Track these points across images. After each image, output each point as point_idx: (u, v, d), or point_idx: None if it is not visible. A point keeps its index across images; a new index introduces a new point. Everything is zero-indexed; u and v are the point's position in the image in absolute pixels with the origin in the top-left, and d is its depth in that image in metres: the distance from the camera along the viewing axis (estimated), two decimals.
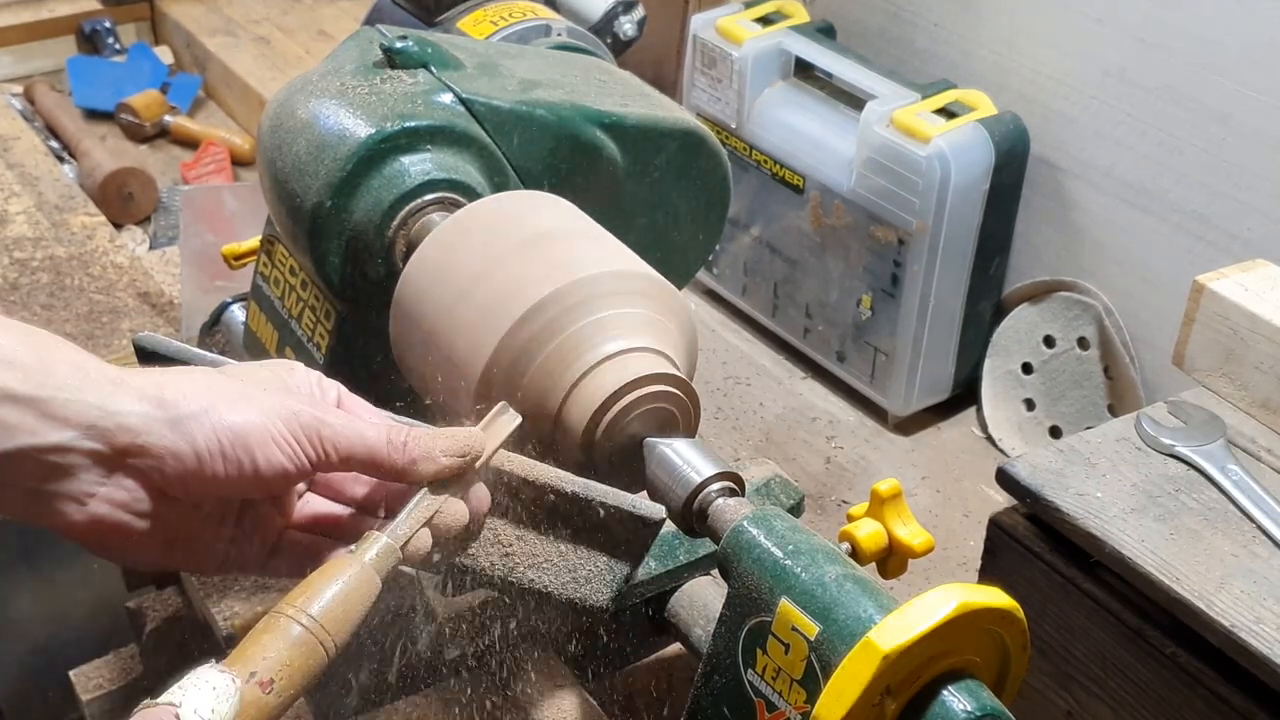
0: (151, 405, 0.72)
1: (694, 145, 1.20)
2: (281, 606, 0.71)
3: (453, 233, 1.00)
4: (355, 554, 0.75)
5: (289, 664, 0.68)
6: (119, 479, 0.73)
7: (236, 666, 0.68)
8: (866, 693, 0.71)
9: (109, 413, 0.71)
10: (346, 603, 0.72)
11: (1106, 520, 1.11)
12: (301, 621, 0.70)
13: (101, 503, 0.73)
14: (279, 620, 0.70)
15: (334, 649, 0.71)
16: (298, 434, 0.75)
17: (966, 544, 1.61)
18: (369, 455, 0.77)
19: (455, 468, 0.79)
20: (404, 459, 0.78)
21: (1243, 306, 1.22)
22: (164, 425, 0.72)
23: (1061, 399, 1.77)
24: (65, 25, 2.77)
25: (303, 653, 0.69)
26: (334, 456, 0.76)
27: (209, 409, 0.73)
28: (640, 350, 0.92)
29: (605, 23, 1.51)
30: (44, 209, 1.97)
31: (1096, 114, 1.68)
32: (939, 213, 1.67)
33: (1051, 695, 1.19)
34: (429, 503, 0.79)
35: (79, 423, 0.71)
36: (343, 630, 0.71)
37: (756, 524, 0.83)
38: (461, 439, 0.80)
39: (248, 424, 0.74)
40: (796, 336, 1.93)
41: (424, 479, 0.79)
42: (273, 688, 0.67)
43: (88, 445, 0.71)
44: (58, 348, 0.73)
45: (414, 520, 0.78)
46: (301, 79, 1.13)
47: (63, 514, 0.72)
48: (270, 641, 0.69)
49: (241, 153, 2.52)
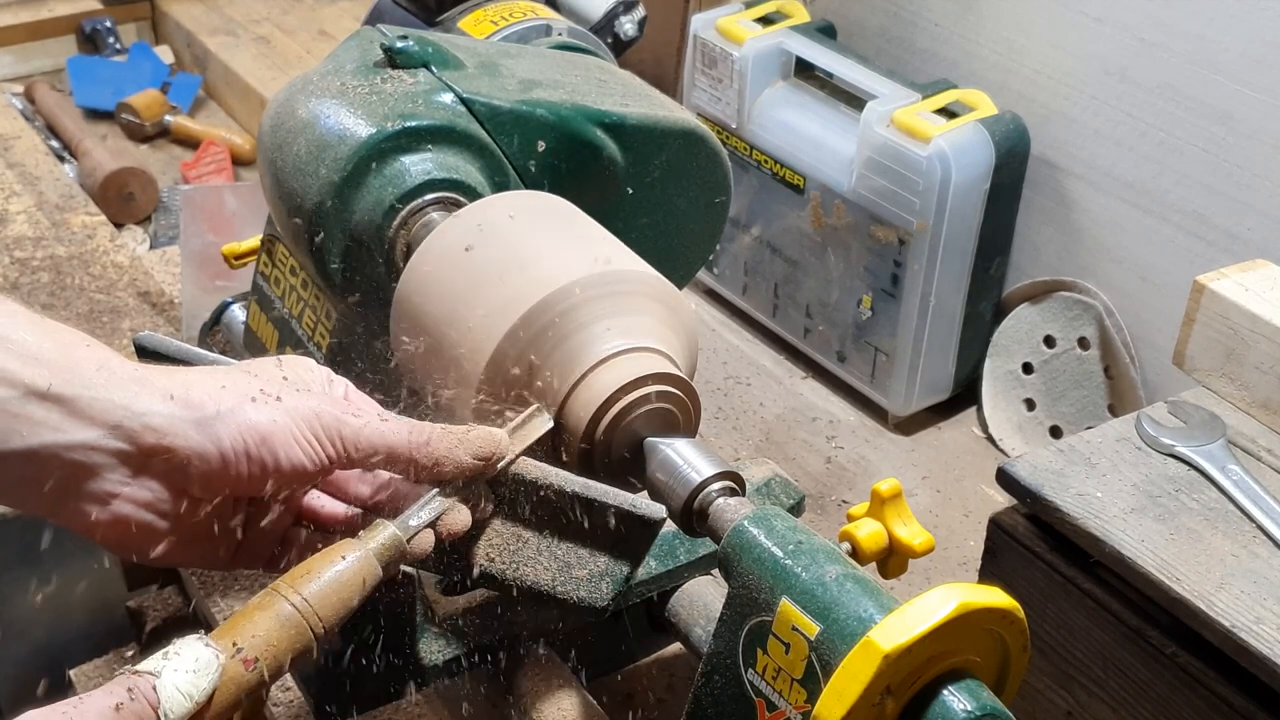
0: (178, 406, 0.73)
1: (694, 145, 1.20)
2: (278, 584, 0.71)
3: (453, 233, 1.00)
4: (361, 539, 0.75)
5: (275, 644, 0.68)
6: (144, 480, 0.73)
7: (223, 640, 0.68)
8: (867, 692, 0.71)
9: (135, 413, 0.71)
10: (342, 588, 0.72)
11: (1106, 520, 1.11)
12: (293, 602, 0.70)
13: (125, 503, 0.73)
14: (273, 598, 0.70)
15: (323, 632, 0.71)
16: (319, 433, 0.75)
17: (966, 544, 1.61)
18: (390, 453, 0.77)
19: (475, 470, 0.79)
20: (427, 459, 0.78)
21: (1243, 306, 1.22)
22: (190, 426, 0.72)
23: (1062, 399, 1.77)
24: (66, 25, 2.78)
25: (290, 634, 0.69)
26: (355, 455, 0.77)
27: (235, 409, 0.73)
28: (641, 350, 0.92)
29: (606, 22, 1.51)
30: (44, 208, 1.97)
31: (1097, 114, 1.68)
32: (939, 213, 1.67)
33: (1051, 695, 1.19)
34: (438, 504, 0.79)
35: (104, 422, 0.71)
36: (334, 614, 0.71)
37: (757, 524, 0.83)
38: (486, 440, 0.80)
39: (272, 424, 0.74)
40: (797, 336, 1.93)
41: (445, 478, 0.79)
42: (256, 666, 0.67)
43: (114, 445, 0.71)
44: (84, 345, 0.73)
45: (423, 518, 0.78)
46: (302, 79, 1.13)
47: (85, 513, 0.73)
48: (261, 619, 0.69)
49: (242, 152, 2.52)
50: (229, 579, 1.22)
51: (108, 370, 0.72)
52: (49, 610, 1.69)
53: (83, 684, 1.40)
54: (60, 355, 0.71)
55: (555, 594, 0.87)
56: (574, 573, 0.87)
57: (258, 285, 1.29)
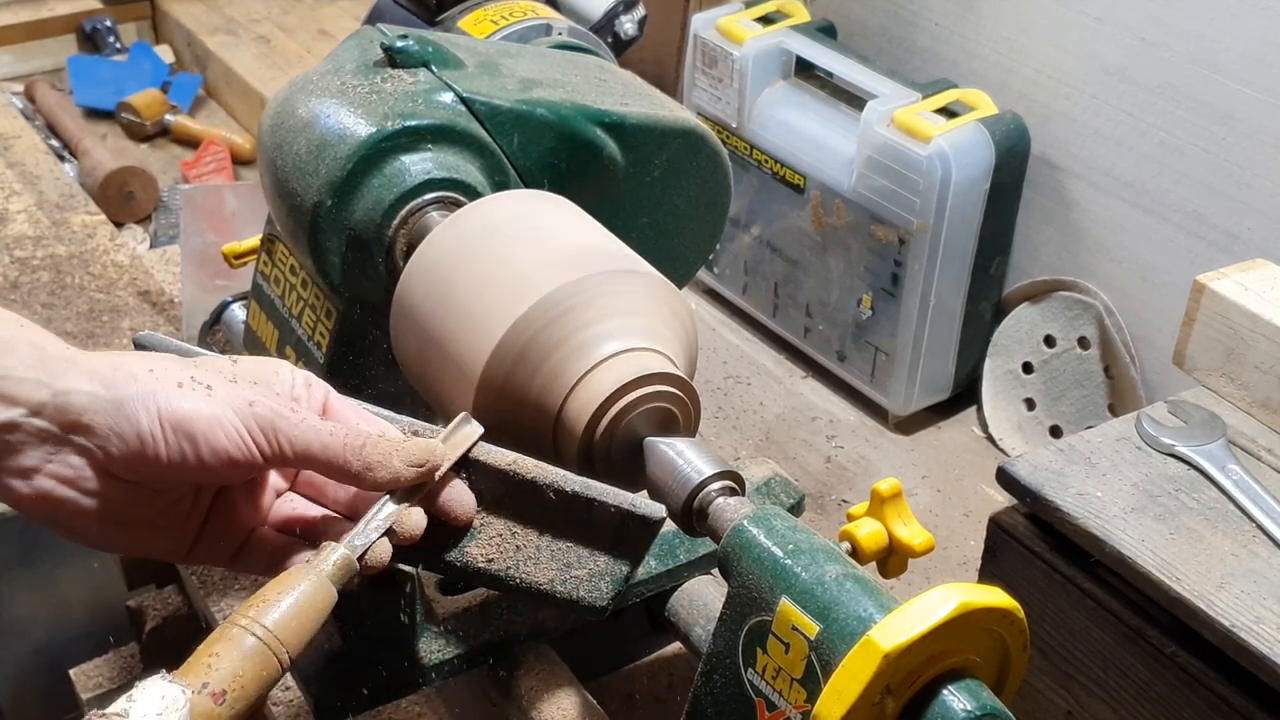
0: (100, 385, 0.73)
1: (694, 144, 1.20)
2: (235, 617, 0.71)
3: (453, 232, 1.00)
4: (312, 565, 0.74)
5: (241, 675, 0.68)
6: (65, 455, 0.74)
7: (189, 677, 0.67)
8: (867, 692, 0.71)
9: (57, 391, 0.72)
10: (301, 614, 0.71)
11: (1106, 520, 1.11)
12: (255, 633, 0.69)
13: (46, 478, 0.74)
14: (232, 631, 0.70)
15: (288, 661, 0.71)
16: (250, 425, 0.75)
17: (966, 543, 1.61)
18: (324, 454, 0.77)
19: (413, 479, 0.79)
20: (359, 463, 0.77)
21: (1243, 306, 1.22)
22: (109, 405, 0.73)
23: (1062, 399, 1.77)
24: (66, 24, 2.78)
25: (256, 664, 0.69)
26: (288, 451, 0.76)
27: (155, 392, 0.74)
28: (640, 350, 0.92)
29: (606, 22, 1.51)
30: (45, 208, 1.97)
31: (1097, 113, 1.68)
32: (939, 212, 1.67)
33: (1051, 695, 1.19)
34: (388, 512, 0.78)
35: (28, 401, 0.72)
36: (297, 641, 0.71)
37: (757, 523, 0.83)
38: (422, 449, 0.79)
39: (194, 410, 0.74)
40: (797, 336, 1.93)
41: (380, 486, 0.78)
42: (225, 699, 0.67)
43: (35, 424, 0.72)
44: (20, 327, 0.74)
45: (372, 529, 0.77)
46: (302, 78, 1.13)
47: (10, 487, 0.74)
48: (224, 652, 0.69)
49: (242, 151, 2.52)
50: (229, 579, 1.22)
51: (39, 350, 0.73)
52: (49, 610, 1.69)
53: (82, 684, 1.40)
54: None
55: (555, 594, 0.87)
56: (574, 573, 0.87)
57: (258, 285, 1.29)
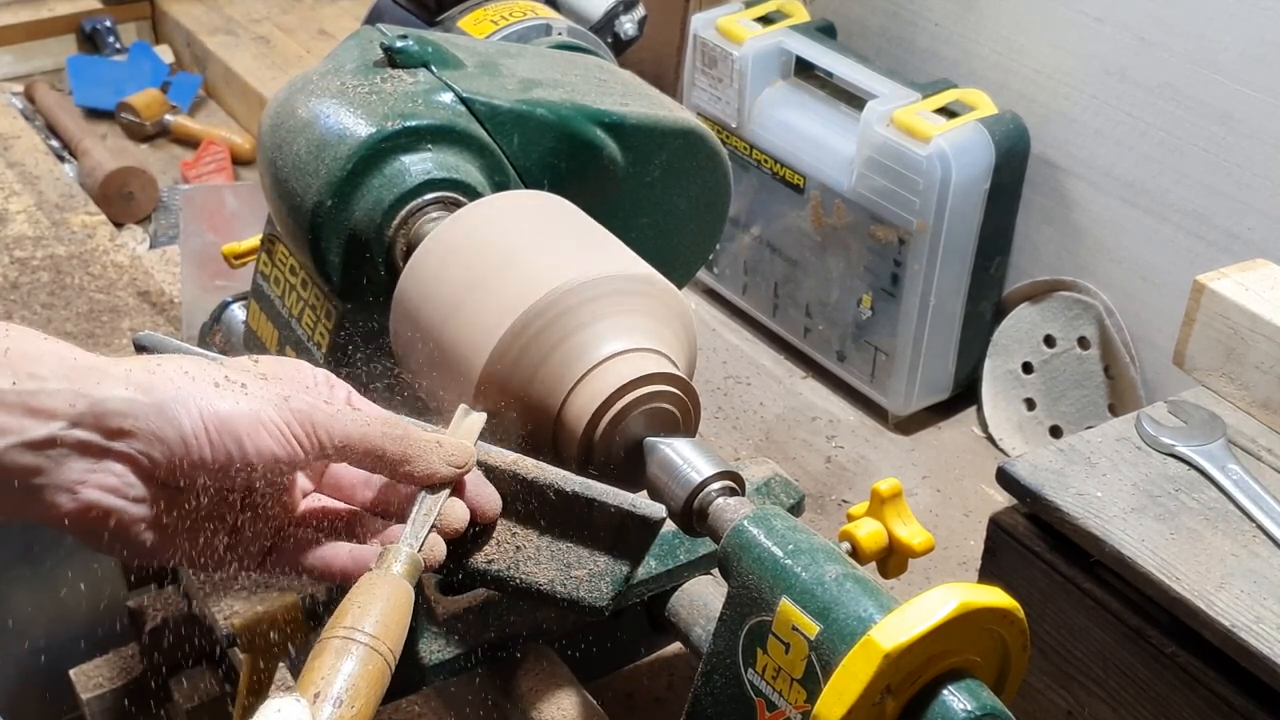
0: (138, 390, 0.72)
1: (694, 145, 1.20)
2: (331, 631, 0.71)
3: (453, 232, 1.00)
4: (383, 568, 0.75)
5: (356, 680, 0.68)
6: (109, 464, 0.72)
7: (304, 691, 0.67)
8: (867, 692, 0.71)
9: (95, 400, 0.71)
10: (396, 613, 0.72)
11: (1106, 520, 1.11)
12: (358, 639, 0.70)
13: (92, 489, 0.72)
14: (332, 644, 0.70)
15: (394, 661, 0.71)
16: (289, 420, 0.75)
17: (966, 544, 1.61)
18: (363, 444, 0.77)
19: (448, 477, 0.79)
20: (398, 452, 0.77)
21: (1243, 306, 1.22)
22: (150, 409, 0.72)
23: (1062, 398, 1.77)
24: (66, 24, 2.78)
25: (368, 669, 0.69)
26: (328, 445, 0.76)
27: (195, 394, 0.73)
28: (640, 350, 0.92)
29: (606, 22, 1.51)
30: (44, 208, 1.97)
31: (1097, 113, 1.68)
32: (939, 212, 1.67)
33: (1051, 695, 1.19)
34: (429, 506, 0.79)
35: (66, 413, 0.70)
36: (398, 642, 0.72)
37: (757, 523, 0.83)
38: (460, 449, 0.80)
39: (235, 409, 0.73)
40: (797, 336, 1.93)
41: (414, 480, 0.79)
42: (342, 703, 0.67)
43: (75, 435, 0.71)
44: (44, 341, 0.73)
45: (421, 526, 0.78)
46: (302, 78, 1.13)
47: (55, 505, 0.72)
48: (333, 663, 0.69)
49: (242, 152, 2.52)
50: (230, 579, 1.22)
51: (67, 362, 0.72)
52: (49, 610, 1.69)
53: (82, 684, 1.40)
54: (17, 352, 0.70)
55: (555, 594, 0.87)
56: (574, 573, 0.87)
57: (258, 285, 1.29)
